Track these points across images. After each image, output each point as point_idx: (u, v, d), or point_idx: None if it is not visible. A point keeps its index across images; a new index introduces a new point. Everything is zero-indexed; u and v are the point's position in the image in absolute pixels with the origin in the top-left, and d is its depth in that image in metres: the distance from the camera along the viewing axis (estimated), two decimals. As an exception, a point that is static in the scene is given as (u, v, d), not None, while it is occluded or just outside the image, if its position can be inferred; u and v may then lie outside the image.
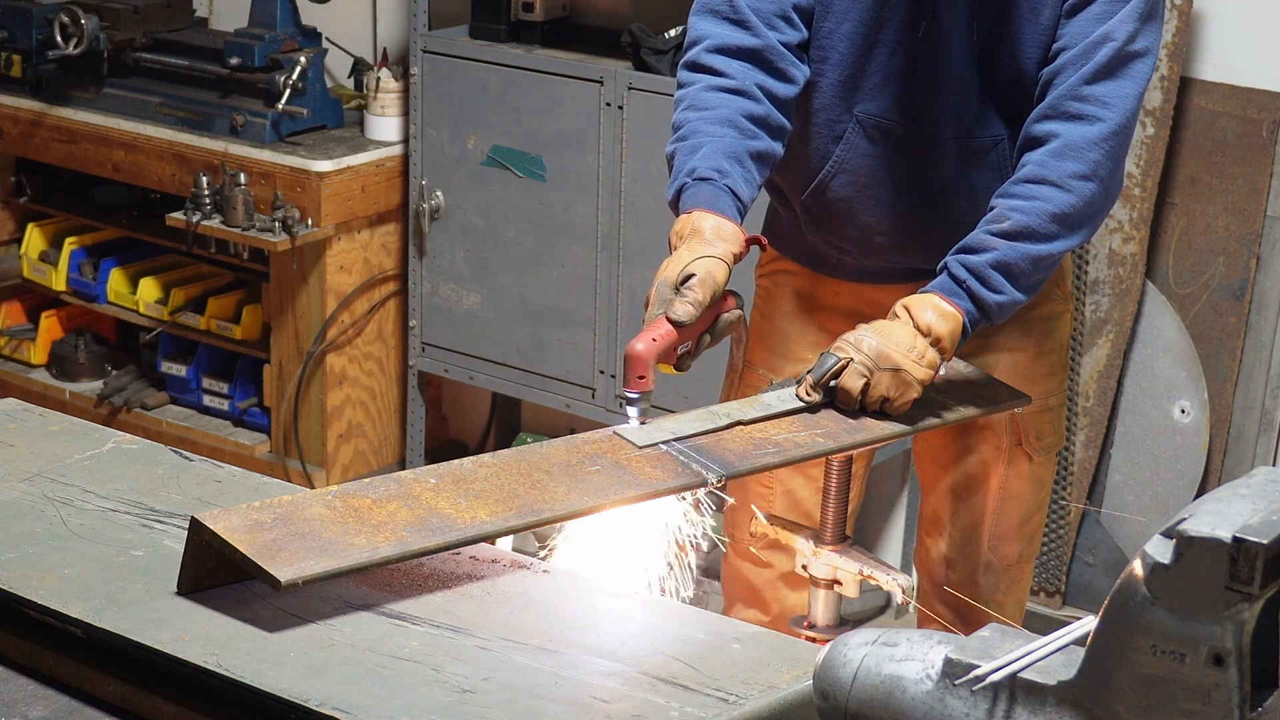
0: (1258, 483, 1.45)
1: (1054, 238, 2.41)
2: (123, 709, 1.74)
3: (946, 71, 2.54)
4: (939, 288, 2.39)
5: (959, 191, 2.59)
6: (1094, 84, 2.43)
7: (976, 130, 2.56)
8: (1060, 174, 2.40)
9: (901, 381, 2.31)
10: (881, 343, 2.31)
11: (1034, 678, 1.46)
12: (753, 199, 2.50)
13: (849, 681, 1.54)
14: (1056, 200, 2.40)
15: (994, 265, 2.38)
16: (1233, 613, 1.36)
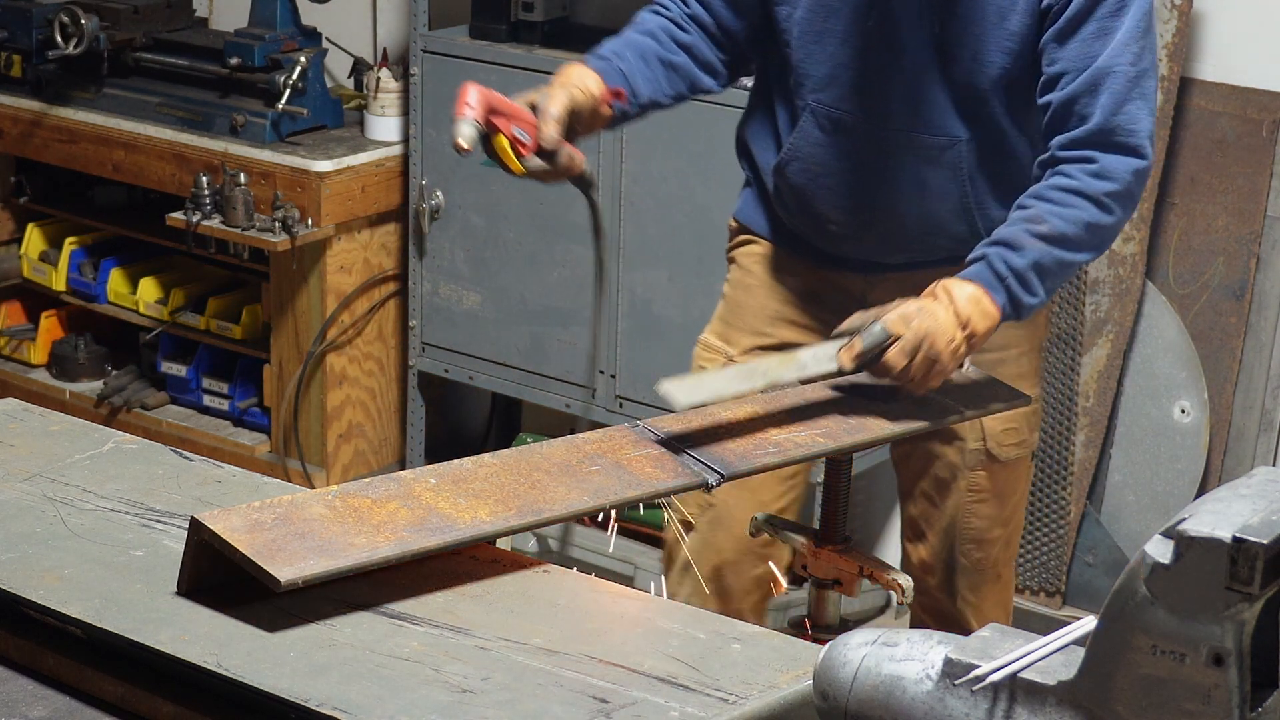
0: (1258, 483, 1.45)
1: (1084, 249, 2.44)
2: (123, 709, 1.74)
3: (898, 66, 2.53)
4: (983, 281, 2.39)
5: (911, 188, 2.59)
6: (1118, 114, 2.43)
7: (932, 128, 2.55)
8: (1098, 191, 2.43)
9: (934, 369, 2.33)
10: (930, 328, 2.33)
11: (1034, 678, 1.46)
12: (651, 98, 2.61)
13: (849, 681, 1.54)
14: (1092, 214, 2.42)
15: (1033, 267, 2.40)
16: (1233, 613, 1.36)
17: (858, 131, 2.58)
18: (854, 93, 2.57)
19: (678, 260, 4.12)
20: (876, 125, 2.57)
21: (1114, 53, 2.43)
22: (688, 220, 4.09)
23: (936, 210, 2.60)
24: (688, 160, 4.06)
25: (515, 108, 2.41)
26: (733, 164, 4.02)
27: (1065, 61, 2.45)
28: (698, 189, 4.06)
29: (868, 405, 2.34)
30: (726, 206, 4.03)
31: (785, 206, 2.73)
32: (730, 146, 4.00)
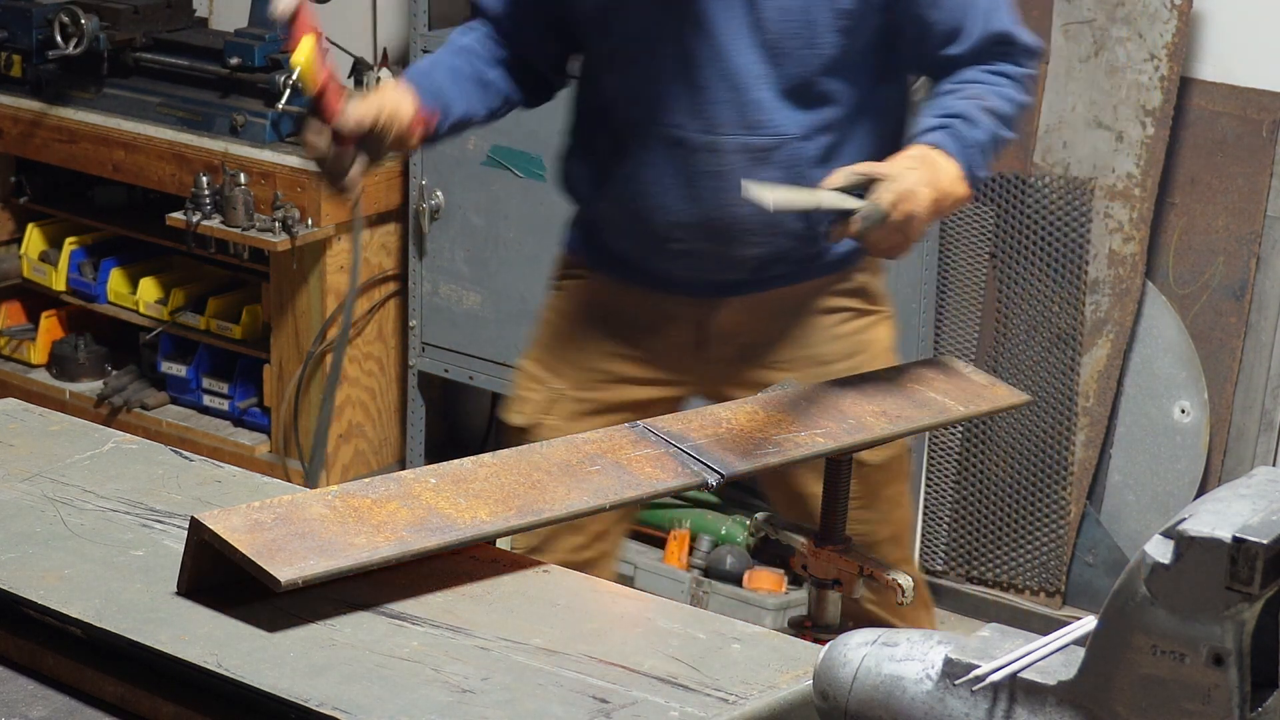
0: (1258, 483, 1.45)
1: (1014, 128, 2.55)
2: (123, 709, 1.74)
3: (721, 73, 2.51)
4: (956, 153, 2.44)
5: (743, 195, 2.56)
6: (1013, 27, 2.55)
7: (761, 130, 2.54)
8: (1019, 73, 2.55)
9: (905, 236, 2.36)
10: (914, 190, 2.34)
11: (1034, 678, 1.46)
12: (466, 115, 2.64)
13: (849, 681, 1.54)
14: (1020, 94, 2.55)
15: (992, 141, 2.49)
16: (1233, 613, 1.36)
17: (687, 144, 2.55)
18: (681, 105, 2.54)
19: (678, 260, 4.11)
20: (704, 134, 2.54)
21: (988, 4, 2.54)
22: (688, 220, 4.09)
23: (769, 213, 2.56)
24: (688, 160, 4.06)
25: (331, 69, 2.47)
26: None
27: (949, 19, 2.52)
28: (698, 189, 4.06)
29: (868, 405, 2.34)
30: (726, 206, 4.03)
31: (620, 232, 2.69)
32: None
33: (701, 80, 2.52)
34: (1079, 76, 4.07)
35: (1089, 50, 4.05)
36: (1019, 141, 4.15)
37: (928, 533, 4.37)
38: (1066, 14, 4.07)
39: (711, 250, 2.61)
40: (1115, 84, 4.03)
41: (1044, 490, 4.21)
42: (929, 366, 2.52)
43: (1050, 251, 4.15)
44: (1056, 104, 4.11)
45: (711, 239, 2.60)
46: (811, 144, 2.56)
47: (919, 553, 4.35)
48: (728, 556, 4.18)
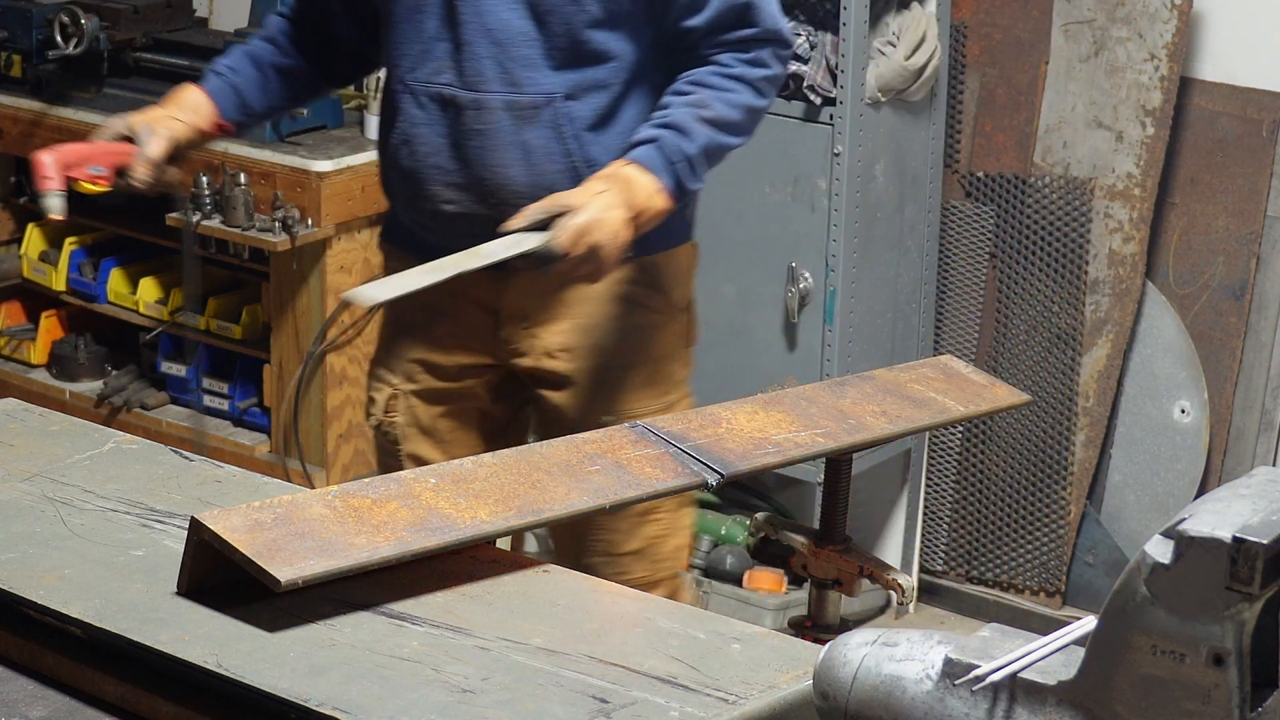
0: (1258, 483, 1.45)
1: (742, 133, 2.55)
2: (123, 709, 1.74)
3: (484, 27, 2.51)
4: (655, 167, 2.44)
5: (514, 152, 2.55)
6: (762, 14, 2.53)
7: (527, 87, 2.53)
8: (754, 76, 2.53)
9: (596, 264, 2.38)
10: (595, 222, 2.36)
11: (1034, 678, 1.46)
12: (269, 107, 2.73)
13: (849, 681, 1.54)
14: (750, 98, 2.53)
15: (702, 152, 2.48)
16: (1233, 613, 1.36)
17: (455, 102, 2.56)
18: (446, 63, 2.55)
19: (678, 260, 4.11)
20: (469, 91, 2.54)
21: None
22: (688, 220, 4.09)
23: (545, 173, 2.56)
24: (688, 160, 4.06)
25: (91, 150, 2.63)
26: (732, 163, 4.03)
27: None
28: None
29: (868, 405, 2.34)
30: (727, 206, 4.04)
31: (404, 201, 2.69)
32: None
33: (465, 36, 2.52)
34: (1079, 76, 4.07)
35: (1089, 50, 4.05)
36: (1019, 141, 4.16)
37: (928, 533, 4.37)
38: (1066, 14, 4.07)
39: (484, 216, 2.56)
40: (1115, 84, 4.03)
41: (1044, 490, 4.21)
42: (929, 366, 2.52)
43: (1050, 251, 4.15)
44: (1056, 104, 4.11)
45: (481, 202, 2.58)
46: (581, 104, 2.54)
47: (919, 553, 4.35)
48: (728, 556, 4.18)
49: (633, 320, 2.69)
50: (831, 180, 3.88)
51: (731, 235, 4.03)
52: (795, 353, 3.99)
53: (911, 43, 3.92)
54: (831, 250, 3.91)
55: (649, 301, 2.70)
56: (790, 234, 3.96)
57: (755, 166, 3.97)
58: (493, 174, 2.56)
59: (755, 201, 3.99)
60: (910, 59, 3.91)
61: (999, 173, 4.19)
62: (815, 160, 3.90)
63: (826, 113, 3.87)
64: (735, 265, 4.04)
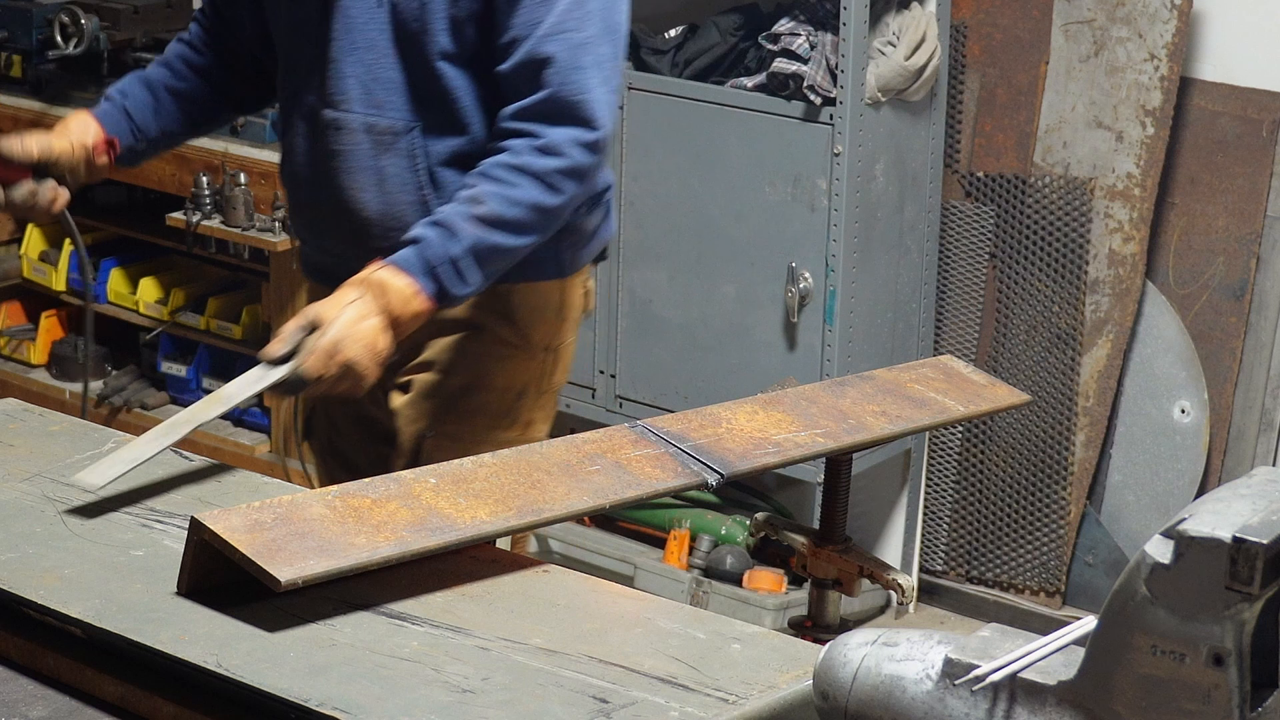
0: (1258, 483, 1.45)
1: (528, 231, 2.37)
2: (123, 709, 1.74)
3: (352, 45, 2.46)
4: (414, 270, 2.31)
5: (370, 178, 2.50)
6: (565, 84, 2.36)
7: (386, 112, 2.47)
8: (543, 168, 2.36)
9: (353, 375, 2.27)
10: (344, 337, 2.26)
11: (1034, 678, 1.46)
12: (163, 130, 2.66)
13: (849, 681, 1.54)
14: (537, 194, 2.36)
15: (469, 253, 2.33)
16: (1233, 613, 1.36)
17: (320, 120, 2.51)
18: (315, 80, 2.50)
19: (678, 260, 4.12)
20: (334, 110, 2.49)
21: (557, 19, 2.35)
22: (688, 220, 4.09)
23: (397, 203, 2.49)
24: (688, 160, 4.06)
25: None
26: (732, 163, 4.03)
27: (514, 29, 2.37)
28: (698, 189, 4.06)
29: (868, 405, 2.34)
30: (727, 206, 4.04)
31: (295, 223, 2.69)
32: (731, 146, 4.01)
33: (334, 53, 2.47)
34: (1079, 76, 4.07)
35: (1089, 50, 4.05)
36: (1019, 141, 4.16)
37: (928, 533, 4.37)
38: (1066, 14, 4.07)
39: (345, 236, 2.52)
40: (1115, 84, 4.03)
41: (1044, 490, 4.21)
42: (929, 366, 2.52)
43: (1050, 251, 4.15)
44: (1056, 104, 4.11)
45: (338, 226, 2.54)
46: (438, 141, 2.47)
47: (918, 553, 4.35)
48: (728, 556, 4.18)
49: (477, 345, 2.58)
50: (831, 180, 3.88)
51: (731, 235, 4.03)
52: (795, 353, 3.99)
53: (911, 43, 3.91)
54: (831, 250, 3.91)
55: (498, 330, 2.58)
56: (790, 234, 3.96)
57: (755, 166, 3.97)
58: (348, 198, 2.50)
59: (755, 201, 3.99)
60: (910, 59, 3.91)
61: (999, 173, 4.19)
62: (815, 160, 3.90)
63: (826, 113, 3.87)
64: (735, 265, 4.04)
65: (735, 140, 3.99)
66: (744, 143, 3.97)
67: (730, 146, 4.00)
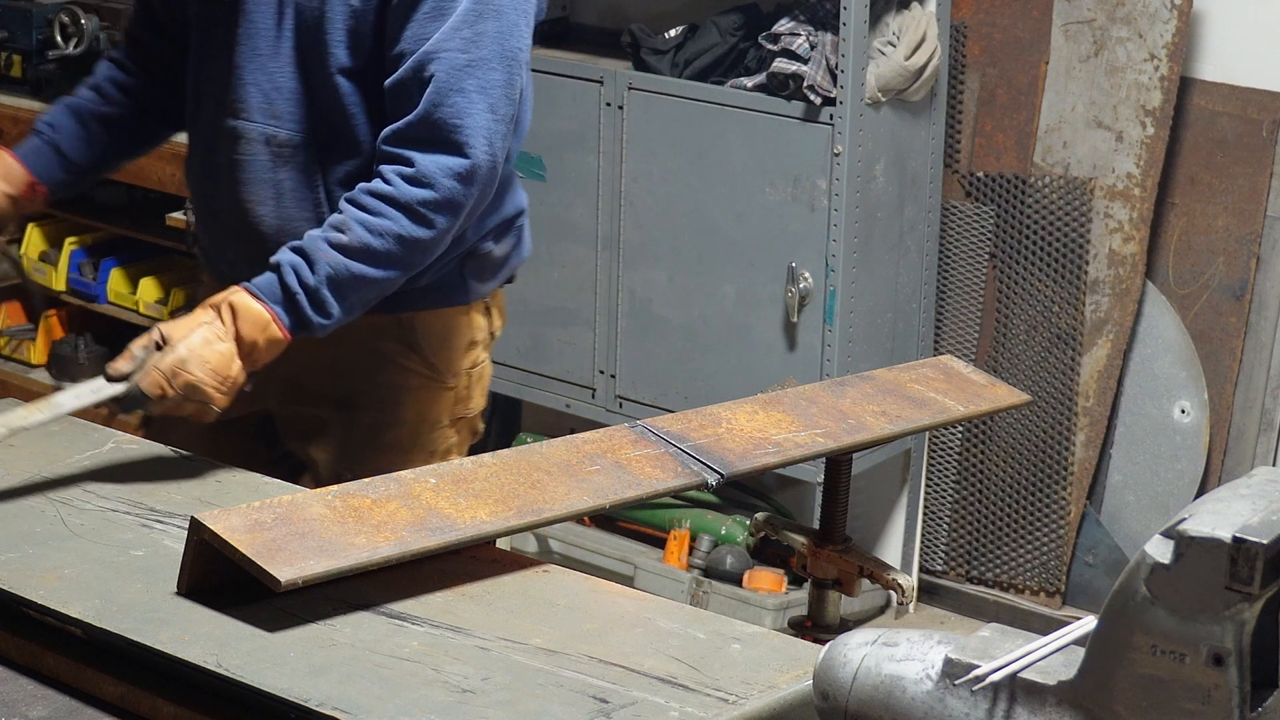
0: (1258, 483, 1.45)
1: (394, 264, 2.28)
2: (123, 709, 1.74)
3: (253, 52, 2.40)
4: (271, 298, 2.24)
5: (267, 190, 2.44)
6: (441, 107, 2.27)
7: (285, 124, 2.40)
8: (412, 199, 2.27)
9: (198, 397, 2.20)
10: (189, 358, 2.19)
11: (1034, 678, 1.46)
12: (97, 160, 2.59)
13: (849, 681, 1.54)
14: (405, 226, 2.27)
15: (328, 283, 2.25)
16: (1233, 613, 1.36)
17: (222, 129, 2.45)
18: (220, 88, 2.44)
19: (678, 260, 4.12)
20: (235, 119, 2.43)
21: (444, 36, 2.26)
22: (688, 220, 4.09)
23: (293, 218, 2.42)
24: (688, 160, 4.06)
25: None
26: (732, 163, 4.03)
27: (403, 43, 2.29)
28: (698, 189, 4.06)
29: (868, 405, 2.34)
30: (727, 206, 4.04)
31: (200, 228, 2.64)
32: (731, 146, 4.01)
33: (238, 59, 2.41)
34: (1079, 76, 4.07)
35: (1089, 50, 4.05)
36: (1019, 141, 4.16)
37: (928, 533, 4.37)
38: (1066, 14, 4.07)
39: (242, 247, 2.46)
40: (1115, 84, 4.03)
41: (1044, 490, 4.21)
42: (929, 366, 2.52)
43: (1050, 251, 4.15)
44: (1056, 104, 4.11)
45: (237, 234, 2.48)
46: (336, 159, 2.40)
47: (918, 553, 4.35)
48: (728, 556, 4.18)
49: (383, 377, 2.52)
50: (831, 180, 3.88)
51: (731, 235, 4.03)
52: (795, 353, 3.99)
53: (911, 43, 3.91)
54: (831, 250, 3.91)
55: (404, 360, 2.52)
56: (790, 234, 3.96)
57: (755, 166, 3.97)
58: (246, 209, 2.45)
59: (755, 201, 3.99)
60: (910, 59, 3.91)
61: (999, 173, 4.19)
62: (815, 160, 3.90)
63: (826, 113, 3.87)
64: (735, 265, 4.04)
65: (735, 140, 3.98)
66: (744, 143, 3.97)
67: (730, 146, 4.00)
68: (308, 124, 2.40)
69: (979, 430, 4.27)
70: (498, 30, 2.29)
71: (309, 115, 2.40)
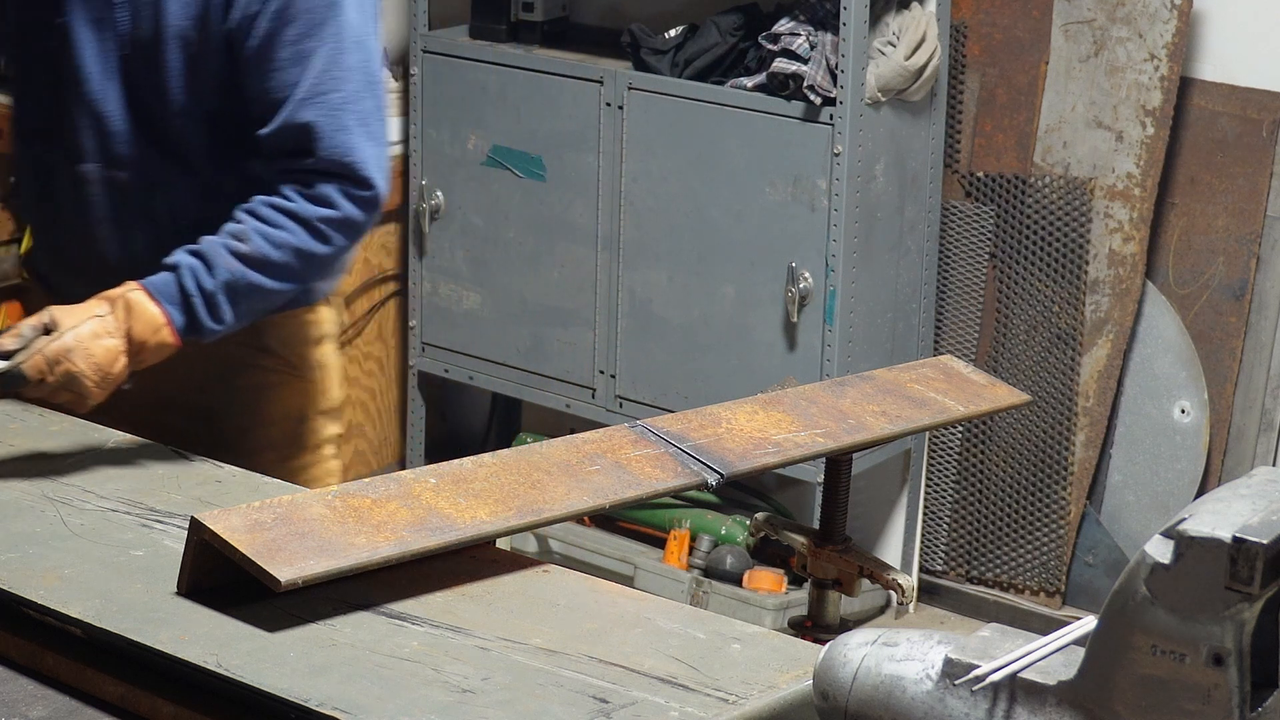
0: (1258, 483, 1.45)
1: (292, 277, 2.30)
2: (123, 709, 1.74)
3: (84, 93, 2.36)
4: (166, 298, 2.23)
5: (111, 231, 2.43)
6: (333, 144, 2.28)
7: (127, 167, 2.38)
8: (313, 215, 2.29)
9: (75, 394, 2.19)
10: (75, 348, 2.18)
11: (1034, 678, 1.46)
12: None
13: (849, 681, 1.54)
14: (304, 240, 2.28)
15: (224, 289, 2.25)
16: (1233, 613, 1.36)
17: (58, 170, 2.43)
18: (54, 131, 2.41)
19: (678, 260, 4.12)
20: (71, 162, 2.40)
21: (314, 81, 2.28)
22: (688, 220, 4.09)
23: (141, 258, 2.36)
24: (688, 160, 4.06)
25: None
26: (732, 163, 4.04)
27: (270, 93, 2.29)
28: (698, 189, 4.06)
29: (868, 405, 2.34)
30: (727, 206, 4.04)
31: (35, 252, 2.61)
32: (731, 146, 4.01)
33: (68, 102, 2.38)
34: (1079, 76, 4.07)
35: (1089, 50, 4.05)
36: (1019, 141, 4.16)
37: (928, 533, 4.37)
38: (1066, 14, 4.07)
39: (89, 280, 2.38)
40: (1115, 84, 4.03)
41: (1044, 490, 4.21)
42: (929, 366, 2.52)
43: (1050, 251, 4.15)
44: (1056, 104, 4.11)
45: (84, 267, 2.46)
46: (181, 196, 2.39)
47: (918, 553, 4.35)
48: (728, 556, 4.18)
49: (242, 380, 2.52)
50: (831, 180, 3.88)
51: (731, 235, 4.03)
52: (795, 353, 3.99)
53: (911, 43, 3.92)
54: (831, 250, 3.91)
55: (259, 361, 2.52)
56: (790, 234, 3.96)
57: (755, 166, 3.97)
58: (90, 245, 2.44)
59: (755, 201, 3.99)
60: (910, 59, 3.91)
61: (999, 173, 4.19)
62: (815, 160, 3.90)
63: (826, 113, 3.87)
64: (735, 265, 4.04)
65: (735, 140, 3.99)
66: (744, 143, 3.97)
67: (730, 146, 4.00)
68: (148, 165, 2.38)
69: (979, 430, 4.27)
70: (361, 61, 2.32)
71: (148, 156, 2.38)
